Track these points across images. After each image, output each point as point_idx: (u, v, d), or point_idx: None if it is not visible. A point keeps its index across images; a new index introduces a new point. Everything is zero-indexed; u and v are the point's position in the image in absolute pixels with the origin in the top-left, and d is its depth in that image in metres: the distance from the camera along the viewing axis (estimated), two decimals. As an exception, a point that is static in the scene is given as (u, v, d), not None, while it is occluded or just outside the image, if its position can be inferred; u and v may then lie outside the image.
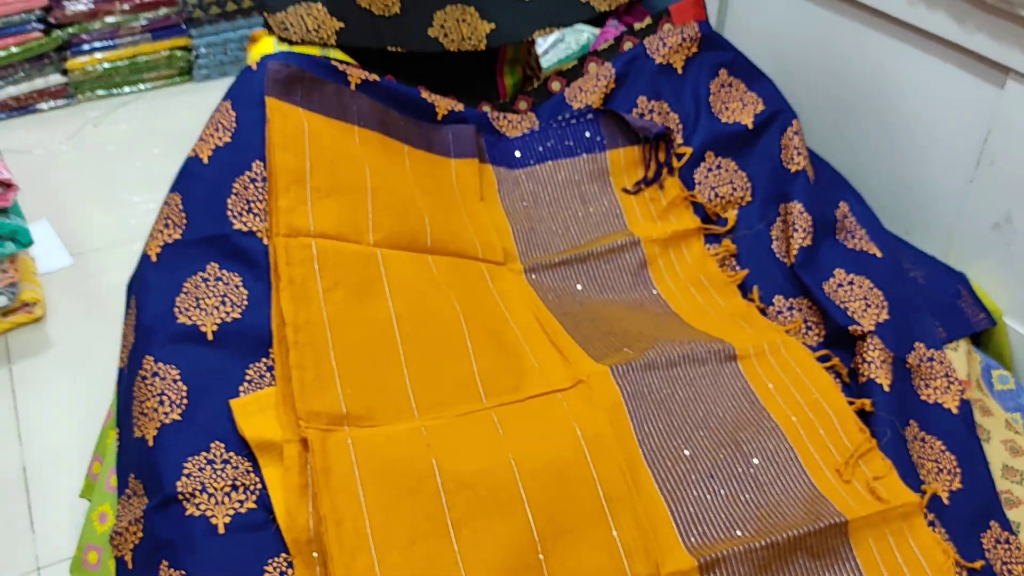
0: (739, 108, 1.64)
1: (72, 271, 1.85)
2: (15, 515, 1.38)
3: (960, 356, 1.46)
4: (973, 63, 1.48)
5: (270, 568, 1.08)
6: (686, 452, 1.21)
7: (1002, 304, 1.56)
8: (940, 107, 1.56)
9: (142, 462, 1.20)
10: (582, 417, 1.21)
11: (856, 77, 1.71)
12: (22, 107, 2.48)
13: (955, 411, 1.35)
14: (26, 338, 1.70)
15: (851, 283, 1.45)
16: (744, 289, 1.50)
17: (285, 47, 1.49)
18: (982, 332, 1.56)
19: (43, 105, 2.51)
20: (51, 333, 1.71)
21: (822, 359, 1.37)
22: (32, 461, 1.46)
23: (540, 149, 1.63)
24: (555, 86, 1.71)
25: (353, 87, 1.48)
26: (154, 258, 1.35)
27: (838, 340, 1.41)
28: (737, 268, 1.52)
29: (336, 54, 1.54)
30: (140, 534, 1.16)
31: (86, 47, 2.55)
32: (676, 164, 1.61)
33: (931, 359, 1.39)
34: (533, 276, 1.47)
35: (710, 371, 1.32)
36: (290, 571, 1.08)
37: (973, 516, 1.26)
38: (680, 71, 1.67)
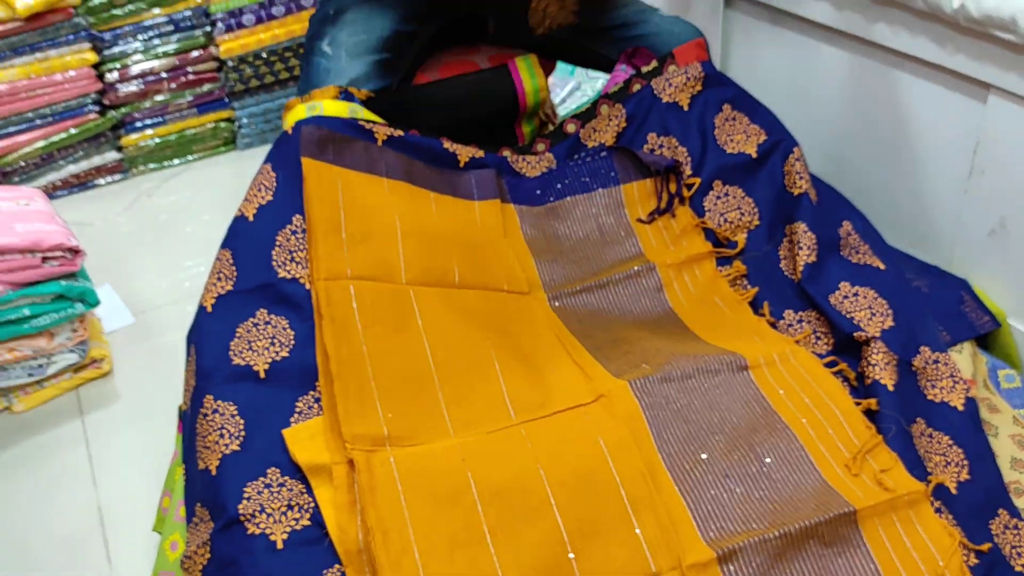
0: (743, 139, 1.75)
1: (134, 329, 1.99)
2: (93, 550, 1.49)
3: (965, 357, 1.53)
4: (957, 82, 1.57)
5: (325, 578, 1.19)
6: (703, 456, 1.30)
7: (1005, 306, 1.63)
8: (930, 125, 1.65)
9: (207, 490, 1.31)
10: (604, 428, 1.30)
11: (851, 104, 1.81)
12: (82, 183, 2.64)
13: (961, 408, 1.41)
14: (96, 392, 1.83)
15: (856, 294, 1.54)
16: (755, 306, 1.59)
17: (316, 112, 1.63)
18: (989, 335, 1.63)
19: (101, 180, 2.67)
20: (118, 386, 1.84)
21: (830, 364, 1.45)
22: (106, 502, 1.58)
23: (559, 186, 1.75)
24: (570, 128, 1.83)
25: (380, 143, 1.61)
26: (209, 308, 1.47)
27: (846, 348, 1.49)
28: (748, 287, 1.62)
29: (364, 114, 1.68)
30: (208, 555, 1.26)
31: (138, 124, 2.70)
32: (686, 194, 1.72)
33: (936, 361, 1.46)
34: (556, 303, 1.58)
35: (723, 381, 1.40)
36: (343, 580, 1.18)
37: (981, 505, 1.31)
38: (686, 108, 1.78)
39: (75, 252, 1.72)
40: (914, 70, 1.64)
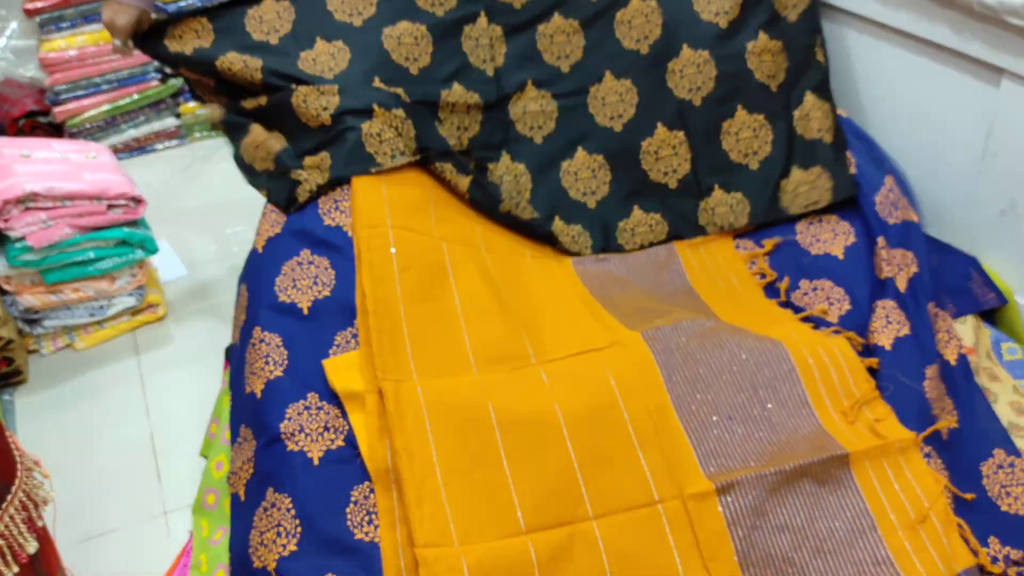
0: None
1: (187, 280, 2.12)
2: (145, 472, 1.62)
3: (968, 329, 1.60)
4: (972, 67, 1.64)
5: (355, 492, 1.28)
6: (708, 397, 1.38)
7: (1013, 284, 1.69)
8: (945, 108, 1.72)
9: (252, 412, 1.42)
10: (616, 370, 1.39)
11: (869, 87, 1.89)
12: (141, 147, 2.78)
13: (953, 363, 1.49)
14: (151, 334, 1.96)
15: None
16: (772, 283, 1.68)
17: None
18: (996, 311, 1.69)
19: (159, 145, 2.81)
20: (171, 330, 1.97)
21: (834, 333, 1.54)
22: (158, 430, 1.71)
23: None
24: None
25: None
26: (260, 250, 1.59)
27: (857, 314, 1.57)
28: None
29: None
30: (251, 470, 1.38)
31: (196, 94, 2.87)
32: None
33: (935, 315, 1.54)
34: (580, 267, 1.67)
35: (735, 330, 1.48)
36: (371, 495, 1.28)
37: (971, 448, 1.38)
38: None
39: (138, 201, 1.84)
40: (932, 55, 1.71)
